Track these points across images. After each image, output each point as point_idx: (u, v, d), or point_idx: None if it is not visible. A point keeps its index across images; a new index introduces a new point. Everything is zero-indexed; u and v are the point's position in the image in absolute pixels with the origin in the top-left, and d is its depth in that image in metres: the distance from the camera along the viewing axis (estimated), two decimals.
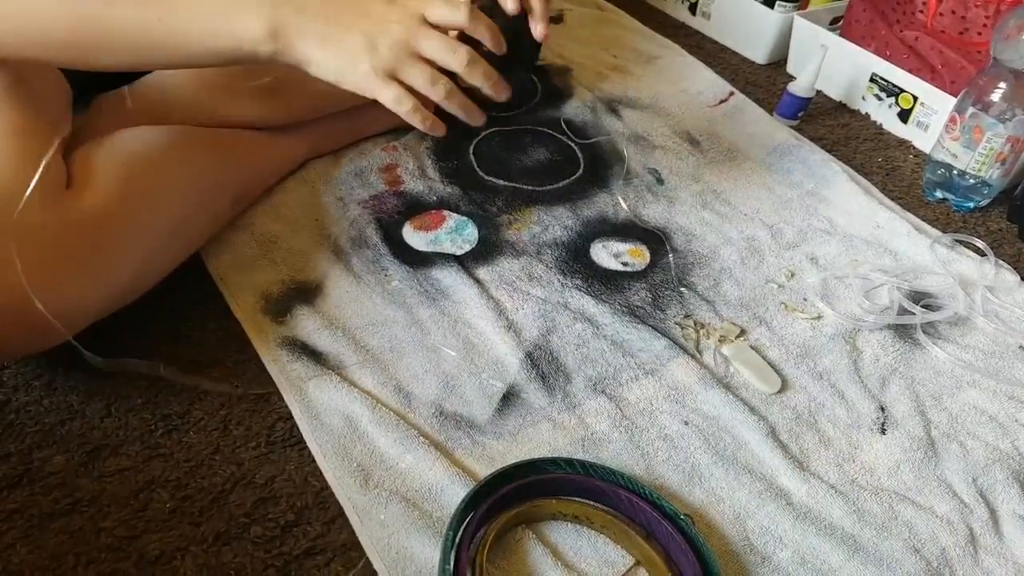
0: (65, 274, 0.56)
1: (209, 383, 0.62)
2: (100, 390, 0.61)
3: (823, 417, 0.66)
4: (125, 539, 0.53)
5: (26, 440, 0.58)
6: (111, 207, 0.60)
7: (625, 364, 0.68)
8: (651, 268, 0.79)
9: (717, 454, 0.62)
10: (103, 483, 0.56)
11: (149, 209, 0.63)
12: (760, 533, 0.57)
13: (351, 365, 0.65)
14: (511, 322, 0.70)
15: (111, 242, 0.60)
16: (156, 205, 0.64)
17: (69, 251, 0.57)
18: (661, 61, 1.15)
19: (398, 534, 0.54)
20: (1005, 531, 0.60)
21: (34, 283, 0.53)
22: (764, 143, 0.99)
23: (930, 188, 0.94)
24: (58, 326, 0.55)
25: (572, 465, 0.58)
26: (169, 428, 0.59)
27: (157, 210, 0.64)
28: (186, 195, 0.68)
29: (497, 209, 0.84)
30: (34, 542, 0.52)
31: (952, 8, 0.96)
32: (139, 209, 0.62)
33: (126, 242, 0.61)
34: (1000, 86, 0.84)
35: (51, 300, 0.55)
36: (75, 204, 0.58)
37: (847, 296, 0.78)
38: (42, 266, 0.54)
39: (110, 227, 0.60)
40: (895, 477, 0.63)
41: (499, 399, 0.64)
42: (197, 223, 0.70)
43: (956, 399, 0.69)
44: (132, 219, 0.62)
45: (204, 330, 0.67)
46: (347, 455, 0.58)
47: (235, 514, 0.55)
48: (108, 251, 0.59)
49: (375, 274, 0.74)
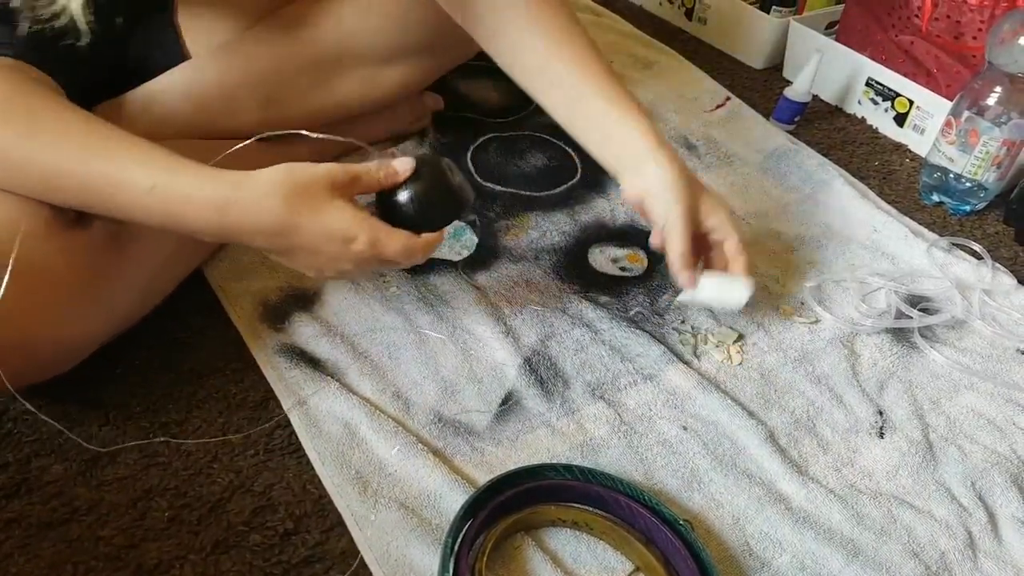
0: (71, 308, 0.56)
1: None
2: (98, 398, 0.61)
3: (821, 421, 0.66)
4: (123, 548, 0.52)
5: (24, 449, 0.58)
6: (115, 239, 0.59)
7: (623, 369, 0.68)
8: (649, 273, 0.79)
9: (716, 459, 0.62)
10: (101, 492, 0.55)
11: (151, 238, 0.62)
12: (759, 538, 0.57)
13: (349, 372, 0.65)
14: (509, 328, 0.70)
15: (116, 273, 0.59)
16: (158, 233, 0.64)
17: (75, 285, 0.56)
18: (658, 66, 1.15)
19: (397, 541, 0.54)
20: (1004, 535, 0.60)
21: (41, 318, 0.53)
22: (761, 147, 0.99)
23: (926, 192, 0.95)
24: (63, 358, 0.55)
25: (571, 471, 0.57)
26: (167, 436, 0.59)
27: (159, 238, 0.63)
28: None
29: (495, 215, 0.84)
30: (32, 551, 0.52)
31: (947, 12, 0.97)
32: (142, 239, 0.61)
33: (131, 272, 0.61)
34: (995, 90, 0.84)
35: (58, 333, 0.55)
36: (82, 236, 0.57)
37: (844, 300, 0.78)
38: (49, 300, 0.54)
39: (115, 259, 0.59)
40: (894, 481, 0.63)
41: (498, 405, 0.64)
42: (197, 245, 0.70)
43: (954, 403, 0.70)
44: (136, 249, 0.61)
45: (202, 337, 0.67)
46: (346, 462, 0.58)
47: (234, 522, 0.55)
48: (114, 282, 0.59)
49: (373, 280, 0.74)
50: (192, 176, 0.53)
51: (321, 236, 0.55)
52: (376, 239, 0.56)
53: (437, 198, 0.59)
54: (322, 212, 0.54)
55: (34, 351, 0.54)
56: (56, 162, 0.52)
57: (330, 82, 0.79)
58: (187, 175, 0.53)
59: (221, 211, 0.53)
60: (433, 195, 0.59)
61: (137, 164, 0.52)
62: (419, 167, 0.59)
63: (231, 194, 0.53)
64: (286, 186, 0.54)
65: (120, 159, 0.52)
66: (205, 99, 0.74)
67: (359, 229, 0.55)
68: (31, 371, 0.56)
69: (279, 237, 0.55)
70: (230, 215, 0.53)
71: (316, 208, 0.54)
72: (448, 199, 0.60)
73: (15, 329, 0.52)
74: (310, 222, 0.54)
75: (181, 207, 0.53)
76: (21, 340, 0.53)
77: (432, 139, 0.93)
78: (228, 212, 0.53)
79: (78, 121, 0.53)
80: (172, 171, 0.53)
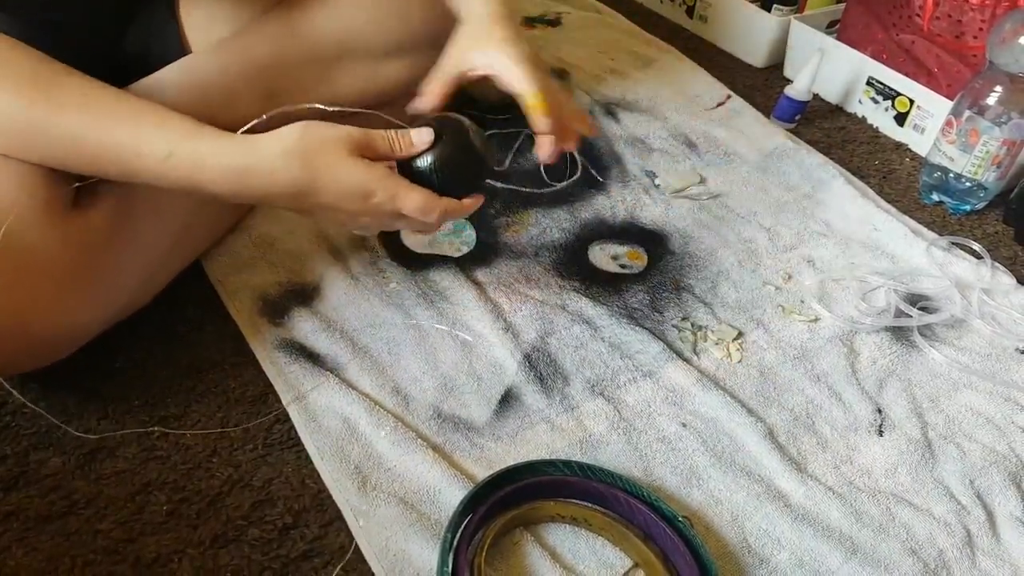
0: (68, 294, 0.55)
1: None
2: (97, 392, 0.61)
3: (820, 419, 0.66)
4: (122, 542, 0.52)
5: (22, 442, 0.57)
6: (114, 224, 0.59)
7: (623, 366, 0.68)
8: (649, 270, 0.79)
9: (715, 456, 0.62)
10: (100, 485, 0.55)
11: (151, 223, 0.63)
12: (758, 535, 0.57)
13: (349, 367, 0.65)
14: (509, 324, 0.70)
15: (114, 259, 0.59)
16: (158, 219, 0.64)
17: (72, 270, 0.56)
18: (658, 64, 1.15)
19: (396, 536, 0.54)
20: (1002, 533, 0.60)
21: (37, 303, 0.53)
22: (761, 146, 0.99)
23: (926, 191, 0.95)
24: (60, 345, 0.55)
25: (570, 467, 0.57)
26: (166, 430, 0.59)
27: (159, 224, 0.64)
28: (187, 206, 0.67)
29: (495, 211, 0.84)
30: (30, 545, 0.52)
31: (948, 12, 0.97)
32: (141, 224, 0.61)
33: (129, 258, 0.61)
34: (996, 89, 0.84)
35: (54, 320, 0.54)
36: (79, 223, 0.57)
37: (844, 298, 0.78)
38: (45, 286, 0.54)
39: (113, 244, 0.59)
40: (892, 479, 0.63)
41: (497, 401, 0.64)
42: (198, 233, 0.70)
43: (953, 401, 0.70)
44: (135, 235, 0.61)
45: (202, 331, 0.67)
46: (345, 457, 0.58)
47: (232, 516, 0.55)
48: (111, 268, 0.59)
49: (373, 276, 0.74)
50: (210, 143, 0.54)
51: (340, 193, 0.56)
52: (395, 194, 0.57)
53: (459, 164, 0.60)
54: (339, 170, 0.55)
55: (28, 336, 0.54)
56: (81, 129, 0.52)
57: (330, 76, 0.78)
58: (205, 142, 0.54)
59: (240, 177, 0.54)
60: (454, 161, 0.59)
61: (156, 130, 0.53)
62: (440, 130, 0.59)
63: (248, 160, 0.54)
64: (301, 146, 0.55)
65: (140, 125, 0.53)
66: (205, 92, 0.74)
67: (377, 185, 0.56)
68: (25, 357, 0.56)
69: (299, 198, 0.56)
70: (249, 180, 0.54)
71: (332, 165, 0.55)
72: (470, 166, 0.61)
73: (8, 313, 0.52)
74: (328, 181, 0.55)
75: (198, 174, 0.54)
76: (15, 324, 0.52)
77: None
78: (247, 177, 0.54)
79: (98, 89, 0.54)
80: (190, 138, 0.54)
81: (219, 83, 0.74)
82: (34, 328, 0.54)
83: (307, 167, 0.55)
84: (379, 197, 0.56)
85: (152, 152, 0.53)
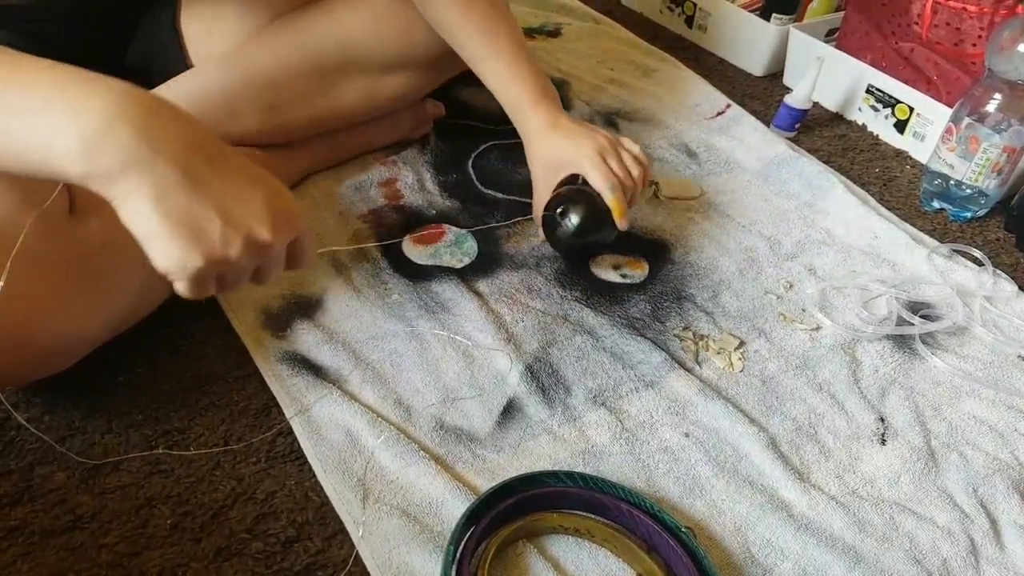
0: (69, 302, 0.56)
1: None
2: (101, 406, 0.61)
3: (823, 428, 0.66)
4: (126, 555, 0.53)
5: (27, 457, 0.58)
6: (114, 232, 0.59)
7: (625, 376, 0.68)
8: (650, 280, 0.79)
9: (718, 466, 0.62)
10: (104, 499, 0.56)
11: None
12: (761, 545, 0.57)
13: (351, 379, 0.65)
14: (511, 334, 0.70)
15: (115, 268, 0.59)
16: None
17: (73, 279, 0.56)
18: (658, 74, 1.16)
19: (399, 549, 0.54)
20: (1006, 541, 0.60)
21: (38, 312, 0.53)
22: (761, 155, 0.99)
23: (927, 198, 0.95)
24: (61, 355, 0.54)
25: (573, 478, 0.58)
26: (170, 444, 0.59)
27: None
28: None
29: (496, 222, 0.84)
30: (35, 559, 0.52)
31: (947, 20, 0.97)
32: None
33: (130, 267, 0.61)
34: (995, 97, 0.85)
35: (55, 329, 0.55)
36: (78, 231, 0.57)
37: (845, 307, 0.78)
38: (46, 295, 0.54)
39: (113, 252, 0.59)
40: (895, 488, 0.63)
41: (499, 412, 0.64)
42: None
43: (955, 409, 0.70)
44: (133, 241, 0.61)
45: (204, 344, 0.67)
46: (347, 470, 0.58)
47: (236, 530, 0.55)
48: (112, 277, 0.59)
49: (375, 288, 0.74)
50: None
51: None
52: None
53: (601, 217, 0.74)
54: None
55: (31, 345, 0.54)
56: None
57: (332, 89, 0.79)
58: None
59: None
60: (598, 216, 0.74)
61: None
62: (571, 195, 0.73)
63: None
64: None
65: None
66: (207, 104, 0.74)
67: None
68: (28, 367, 0.56)
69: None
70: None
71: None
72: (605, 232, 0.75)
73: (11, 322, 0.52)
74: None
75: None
76: (18, 333, 0.52)
77: (434, 146, 0.94)
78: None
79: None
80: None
81: (221, 95, 0.75)
82: (37, 337, 0.54)
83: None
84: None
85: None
